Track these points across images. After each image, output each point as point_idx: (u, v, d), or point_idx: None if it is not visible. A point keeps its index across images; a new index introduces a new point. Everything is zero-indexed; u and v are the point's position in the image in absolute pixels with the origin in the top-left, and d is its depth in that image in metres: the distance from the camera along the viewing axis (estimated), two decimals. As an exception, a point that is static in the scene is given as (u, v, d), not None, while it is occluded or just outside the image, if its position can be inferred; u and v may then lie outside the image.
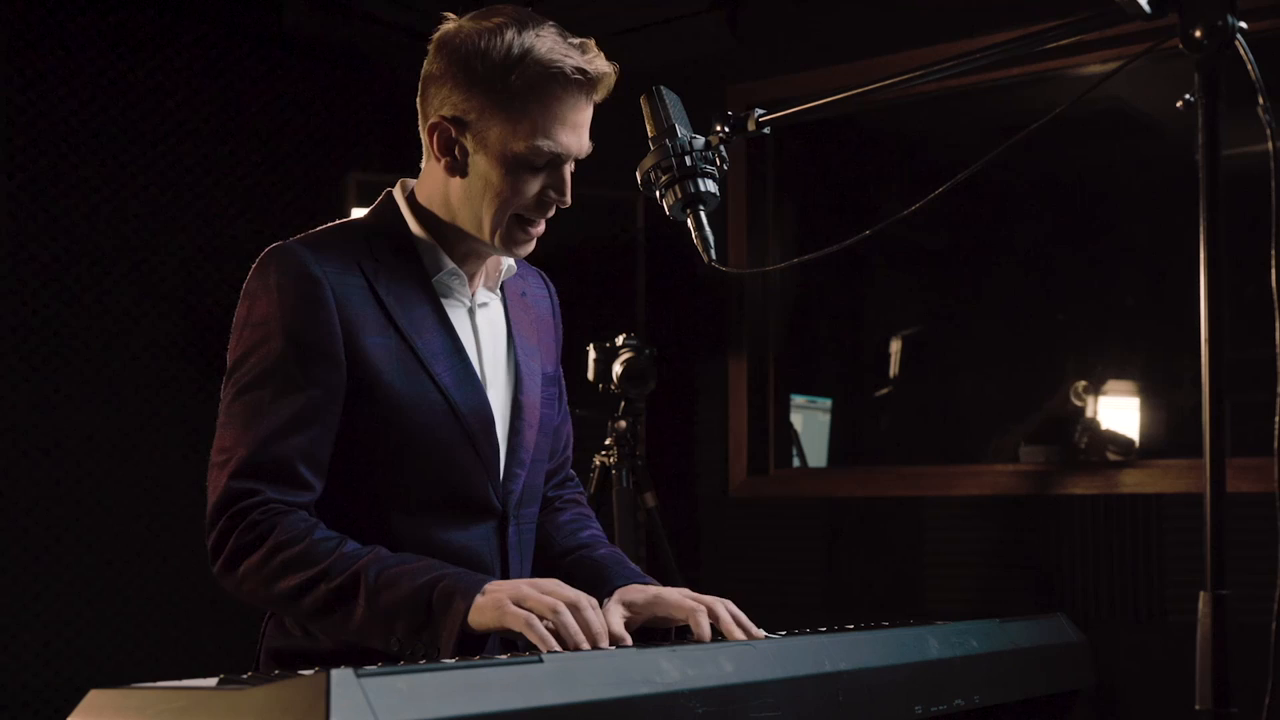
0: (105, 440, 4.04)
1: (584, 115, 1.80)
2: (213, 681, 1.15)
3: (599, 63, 1.77)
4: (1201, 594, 1.21)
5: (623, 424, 3.60)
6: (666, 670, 1.29)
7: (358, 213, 2.00)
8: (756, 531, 4.34)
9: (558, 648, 1.51)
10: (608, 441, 3.62)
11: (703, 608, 1.66)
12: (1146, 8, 1.34)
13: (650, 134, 1.79)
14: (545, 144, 1.75)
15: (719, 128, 1.78)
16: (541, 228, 1.86)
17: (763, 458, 4.44)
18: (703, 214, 1.75)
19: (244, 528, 1.68)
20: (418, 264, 1.84)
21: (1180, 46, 1.28)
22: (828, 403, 5.09)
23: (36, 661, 3.87)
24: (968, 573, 3.97)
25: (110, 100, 4.10)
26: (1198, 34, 1.26)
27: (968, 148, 5.02)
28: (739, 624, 1.67)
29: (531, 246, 1.87)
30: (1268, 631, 1.21)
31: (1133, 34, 2.53)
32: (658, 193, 1.78)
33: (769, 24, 4.42)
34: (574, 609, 1.55)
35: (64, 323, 3.99)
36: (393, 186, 1.91)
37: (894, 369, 5.19)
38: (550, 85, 1.74)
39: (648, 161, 1.78)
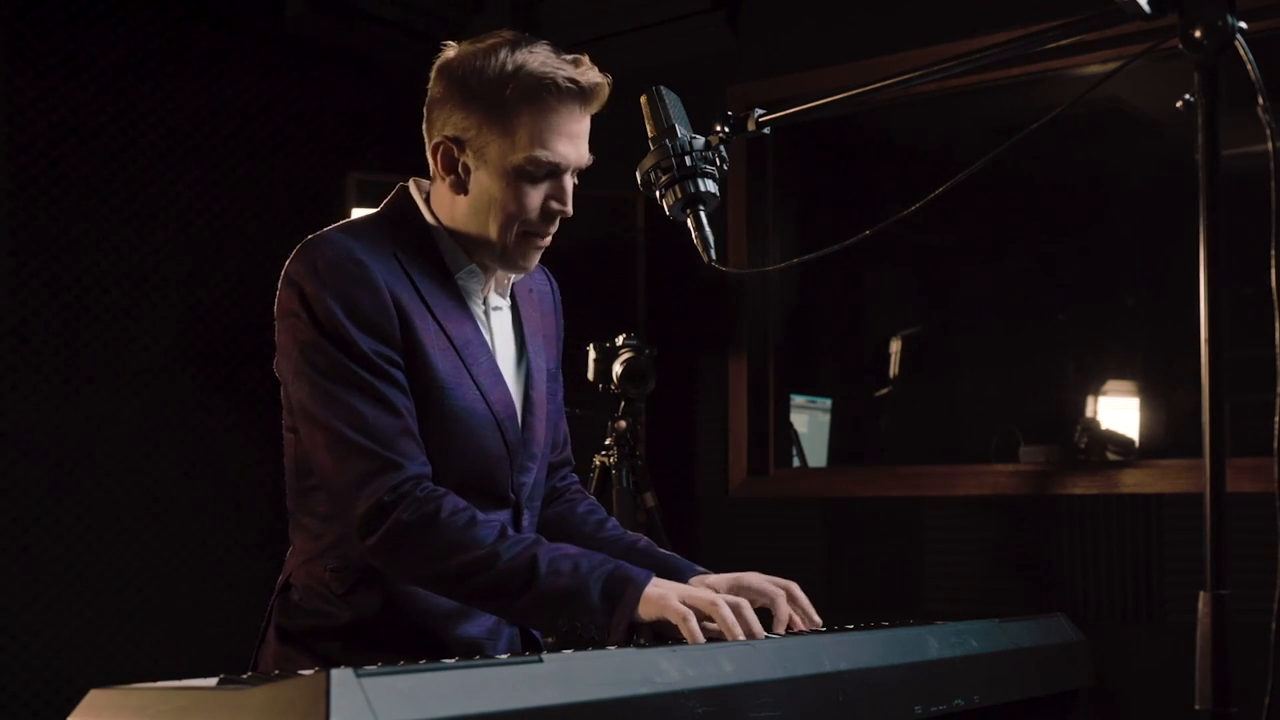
0: (106, 440, 4.04)
1: (580, 126, 1.83)
2: (213, 681, 1.15)
3: (591, 74, 1.82)
4: (1201, 594, 1.21)
5: (623, 424, 3.60)
6: (666, 670, 1.29)
7: (358, 212, 2.01)
8: (756, 531, 4.34)
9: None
10: (608, 441, 3.61)
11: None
12: (1146, 8, 1.34)
13: (650, 134, 1.79)
14: (542, 154, 1.79)
15: (719, 128, 1.78)
16: (548, 240, 1.89)
17: (763, 458, 4.44)
18: (703, 214, 1.75)
19: (407, 504, 1.71)
20: (441, 259, 1.88)
21: (1180, 46, 1.28)
22: (828, 403, 5.09)
23: (36, 661, 3.87)
24: (968, 573, 3.96)
25: (110, 100, 4.10)
26: (1197, 34, 1.26)
27: (968, 148, 5.02)
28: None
29: (536, 260, 1.91)
30: (1268, 631, 1.21)
31: (1133, 34, 2.52)
32: (658, 193, 1.78)
33: (769, 24, 4.42)
34: (735, 609, 1.62)
35: (65, 322, 3.98)
36: (405, 182, 1.93)
37: (894, 369, 5.19)
38: (544, 96, 1.78)
39: (648, 161, 1.78)
